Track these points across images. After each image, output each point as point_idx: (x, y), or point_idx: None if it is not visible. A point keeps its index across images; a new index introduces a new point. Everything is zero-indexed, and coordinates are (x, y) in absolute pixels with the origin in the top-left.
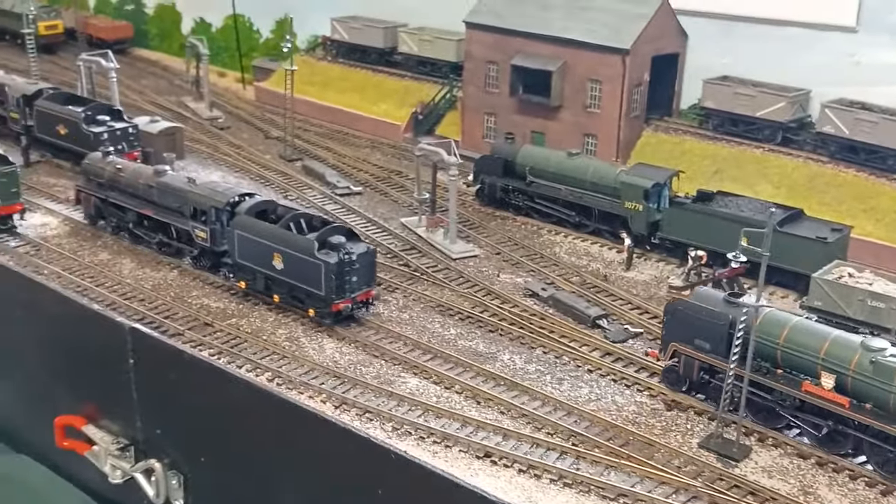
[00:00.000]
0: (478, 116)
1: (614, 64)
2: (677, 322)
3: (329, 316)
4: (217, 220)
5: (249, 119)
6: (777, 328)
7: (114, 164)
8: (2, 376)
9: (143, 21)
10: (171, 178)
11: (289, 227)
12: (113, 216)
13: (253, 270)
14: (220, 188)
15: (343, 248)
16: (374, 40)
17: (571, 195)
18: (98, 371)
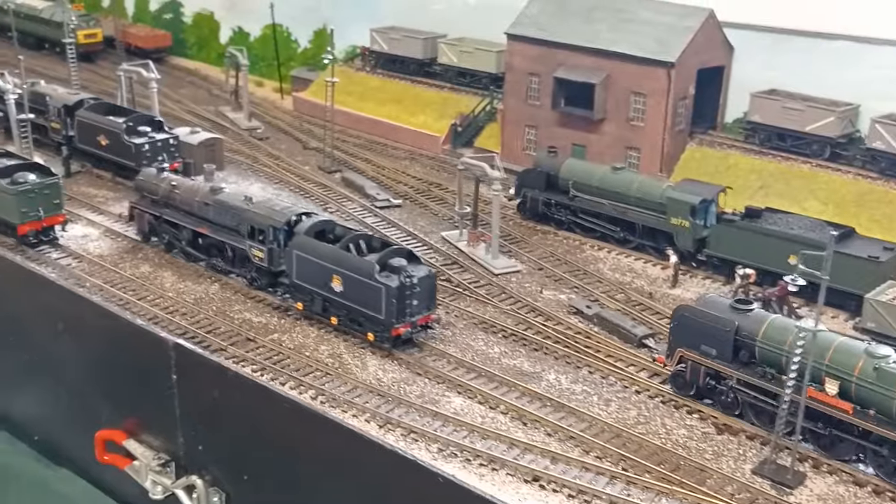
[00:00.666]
0: (518, 129)
1: (659, 77)
2: (684, 328)
3: (389, 340)
4: (275, 240)
5: (288, 129)
6: (782, 335)
7: (168, 180)
8: (43, 389)
9: (181, 30)
10: (227, 195)
11: (348, 248)
12: (167, 233)
13: (311, 292)
14: (278, 207)
15: (404, 272)
16: (414, 51)
17: (615, 210)
18: (140, 386)
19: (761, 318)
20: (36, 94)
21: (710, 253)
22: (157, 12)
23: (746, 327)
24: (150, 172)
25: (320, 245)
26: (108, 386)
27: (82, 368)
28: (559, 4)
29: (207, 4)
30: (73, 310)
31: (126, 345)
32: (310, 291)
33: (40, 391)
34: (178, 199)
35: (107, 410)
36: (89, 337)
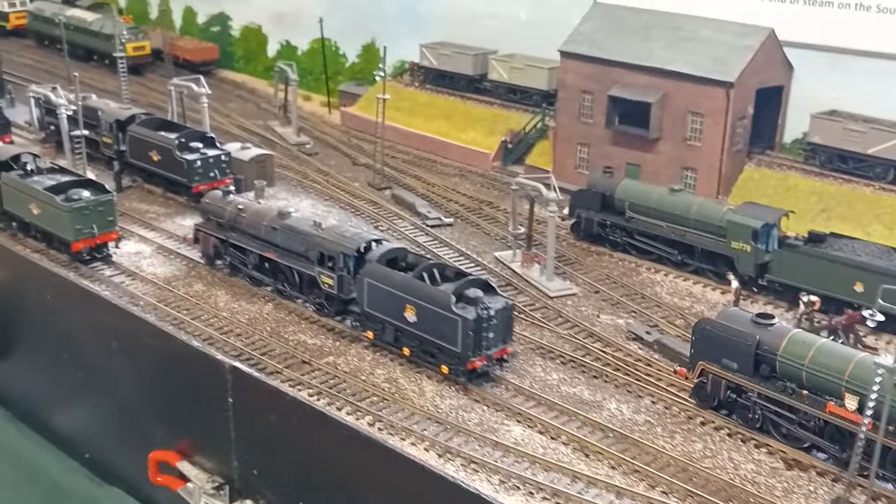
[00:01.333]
0: (570, 147)
1: (718, 97)
2: (705, 341)
3: (464, 374)
4: (345, 267)
5: (336, 145)
6: (803, 349)
7: (235, 204)
8: (96, 407)
9: (229, 43)
10: (295, 220)
11: (422, 277)
12: (232, 257)
13: (382, 321)
14: (349, 233)
15: (481, 303)
16: (464, 67)
17: (673, 233)
18: (195, 408)
19: (782, 332)
20: (88, 109)
21: (772, 278)
22: (204, 25)
23: (768, 342)
24: (216, 195)
25: (393, 274)
26: (162, 406)
27: (136, 388)
28: (614, 22)
29: (256, 18)
30: (127, 329)
31: (181, 366)
32: (381, 321)
33: (93, 409)
34: (245, 223)
35: (161, 431)
36: (144, 356)
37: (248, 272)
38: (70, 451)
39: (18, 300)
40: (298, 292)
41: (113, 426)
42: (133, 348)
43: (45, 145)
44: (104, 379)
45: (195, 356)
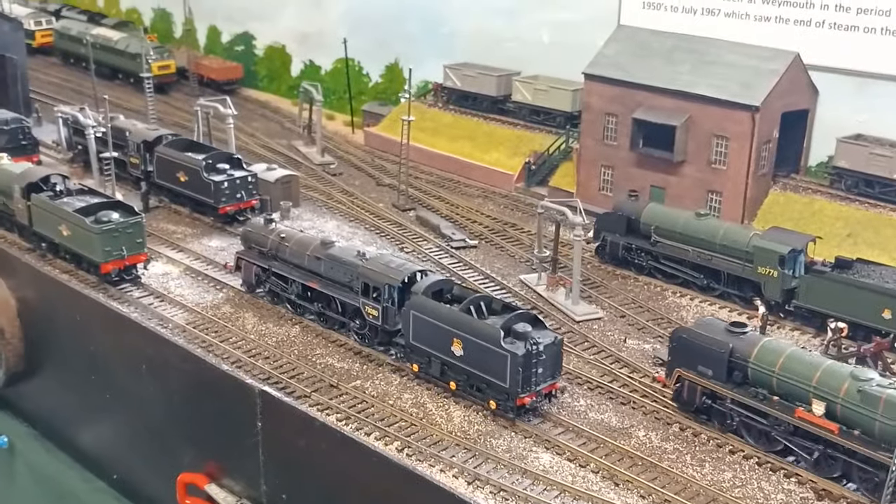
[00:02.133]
0: (594, 169)
1: (743, 120)
2: (682, 349)
3: (512, 410)
4: (390, 298)
5: (360, 165)
6: (773, 357)
7: (277, 232)
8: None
9: (253, 62)
10: (339, 250)
11: (469, 310)
12: (274, 286)
13: (428, 354)
14: (394, 264)
15: (530, 338)
16: (488, 88)
17: (699, 257)
18: (224, 431)
19: (754, 340)
20: (116, 129)
21: (799, 304)
22: (228, 44)
23: (740, 349)
24: (258, 223)
25: (440, 307)
26: (191, 429)
27: (165, 410)
28: (638, 45)
29: (280, 37)
30: (157, 352)
31: (210, 389)
32: (427, 354)
33: (121, 430)
34: (288, 251)
35: (189, 453)
36: (173, 379)
37: (290, 300)
38: (97, 472)
39: (47, 320)
40: (341, 322)
41: (141, 447)
42: (162, 371)
43: (73, 165)
44: (133, 400)
45: (225, 380)
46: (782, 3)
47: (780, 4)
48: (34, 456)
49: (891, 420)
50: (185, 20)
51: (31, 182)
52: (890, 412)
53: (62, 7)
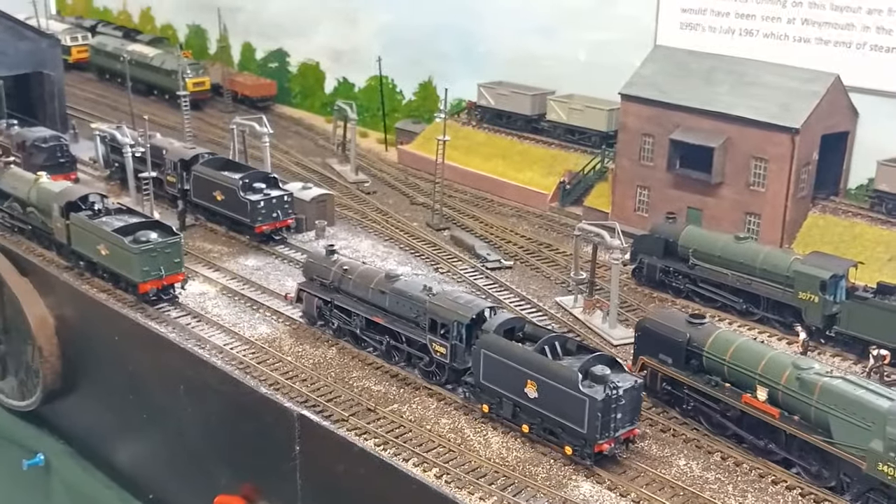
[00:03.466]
0: (630, 189)
1: (782, 142)
2: (646, 338)
3: (590, 457)
4: (458, 336)
5: (394, 183)
6: (725, 346)
7: (340, 264)
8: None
9: (286, 79)
10: (405, 284)
11: (543, 350)
12: (337, 319)
13: (499, 395)
14: (462, 300)
15: (609, 382)
16: (522, 107)
17: (739, 281)
18: (262, 454)
19: (710, 331)
20: (153, 148)
21: (840, 330)
22: (262, 61)
23: (697, 339)
24: (320, 254)
25: (513, 346)
26: (228, 451)
27: (203, 431)
28: (676, 65)
29: (313, 55)
30: (195, 373)
31: (249, 411)
32: (498, 394)
33: (158, 450)
34: (351, 284)
35: (226, 475)
36: (211, 400)
37: (353, 334)
38: (134, 491)
39: (85, 339)
40: (407, 358)
41: (178, 468)
42: (201, 392)
43: (110, 182)
44: (170, 420)
45: (263, 403)
46: (822, 24)
47: (820, 26)
48: (70, 474)
49: (824, 405)
50: (220, 37)
51: (70, 201)
52: (824, 398)
53: (98, 23)
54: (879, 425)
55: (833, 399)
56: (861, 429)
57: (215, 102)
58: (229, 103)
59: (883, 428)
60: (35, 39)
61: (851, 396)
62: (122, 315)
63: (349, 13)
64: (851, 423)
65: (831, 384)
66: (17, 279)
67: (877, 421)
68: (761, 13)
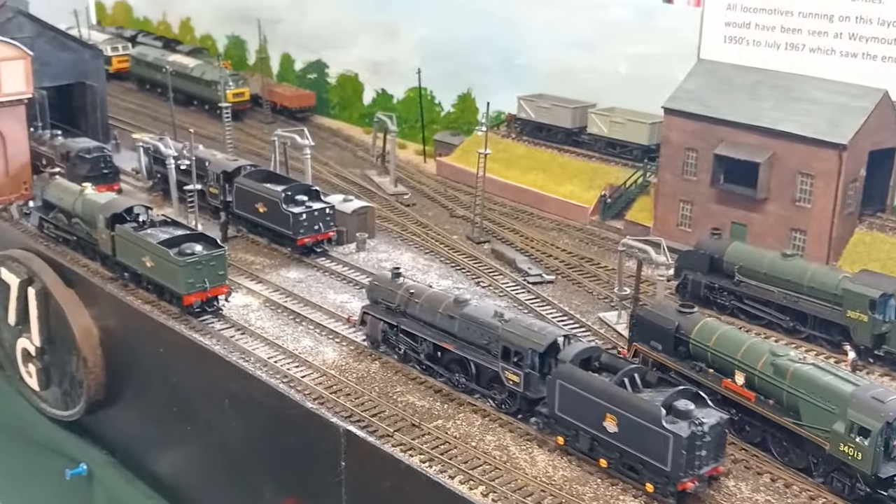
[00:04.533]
0: (673, 204)
1: (829, 158)
2: (639, 326)
3: (673, 495)
4: (532, 364)
5: (433, 195)
6: (709, 334)
7: (406, 288)
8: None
9: (325, 90)
10: (475, 310)
11: (622, 383)
12: (403, 344)
13: (576, 427)
14: (536, 327)
15: (693, 418)
16: (563, 120)
17: (786, 299)
18: (306, 468)
19: (697, 320)
20: (196, 159)
21: (889, 349)
22: (301, 72)
23: (685, 327)
24: (385, 277)
25: (591, 378)
26: (272, 464)
27: (247, 444)
28: (720, 79)
29: (352, 66)
30: (240, 386)
31: (294, 426)
32: (575, 427)
33: (201, 462)
34: (418, 308)
35: (270, 489)
36: (256, 414)
37: (419, 360)
38: (175, 503)
39: (129, 350)
40: (476, 386)
41: (221, 480)
42: (245, 405)
43: (152, 193)
44: (214, 433)
45: (309, 418)
46: (869, 39)
47: (868, 41)
48: (113, 484)
49: (795, 390)
50: (259, 47)
51: (116, 213)
52: (795, 383)
53: (138, 33)
54: (842, 408)
55: (803, 384)
56: (826, 412)
57: (254, 113)
58: (268, 114)
59: (845, 411)
60: (78, 50)
61: (819, 381)
62: (167, 328)
63: (389, 25)
64: (818, 407)
65: (802, 370)
66: (62, 290)
67: (840, 404)
68: (807, 27)
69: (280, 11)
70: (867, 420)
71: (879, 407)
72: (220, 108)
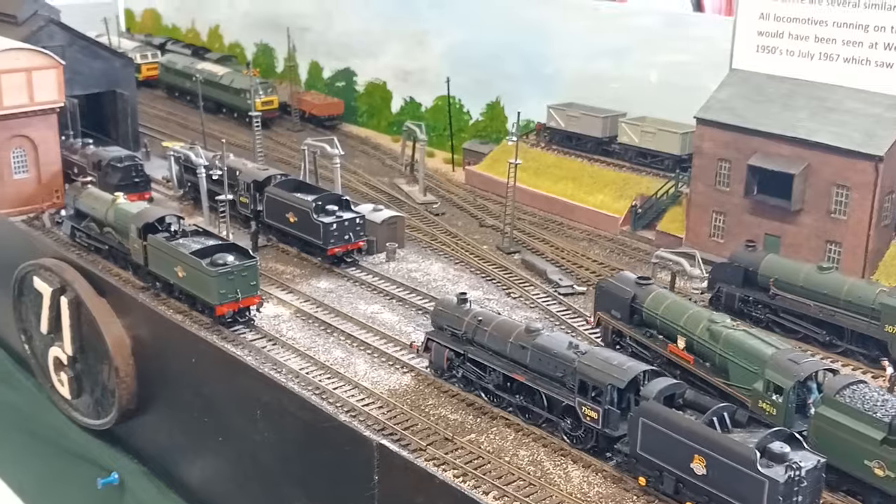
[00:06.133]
0: (705, 215)
1: (866, 170)
2: (602, 295)
3: None
4: (612, 400)
5: (462, 205)
6: (659, 304)
7: (473, 314)
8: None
9: (353, 98)
10: (548, 340)
11: (712, 422)
12: (469, 373)
13: (660, 468)
14: (615, 361)
15: (790, 461)
16: (593, 129)
17: (822, 312)
18: (339, 481)
19: (651, 290)
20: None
21: None
22: (329, 80)
23: (639, 297)
24: (450, 303)
25: (679, 417)
26: (304, 477)
27: (278, 456)
28: (754, 90)
29: (380, 74)
30: (272, 398)
31: (326, 439)
32: (659, 468)
33: (232, 473)
34: (487, 336)
35: (301, 502)
36: (288, 426)
37: (487, 389)
38: None
39: (161, 359)
40: (548, 420)
41: (252, 492)
42: (277, 417)
43: (183, 202)
44: (246, 444)
45: (341, 431)
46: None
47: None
48: (144, 494)
49: (725, 352)
50: (288, 55)
51: (148, 222)
52: (725, 346)
53: (167, 41)
54: (762, 369)
55: (732, 347)
56: (750, 372)
57: (283, 121)
58: (297, 122)
59: (763, 371)
60: (109, 59)
61: (745, 345)
62: (199, 338)
63: (417, 34)
64: (743, 368)
65: (732, 335)
66: (94, 299)
67: (761, 365)
68: (842, 37)
69: (308, 19)
70: (781, 379)
71: (793, 367)
72: (248, 117)
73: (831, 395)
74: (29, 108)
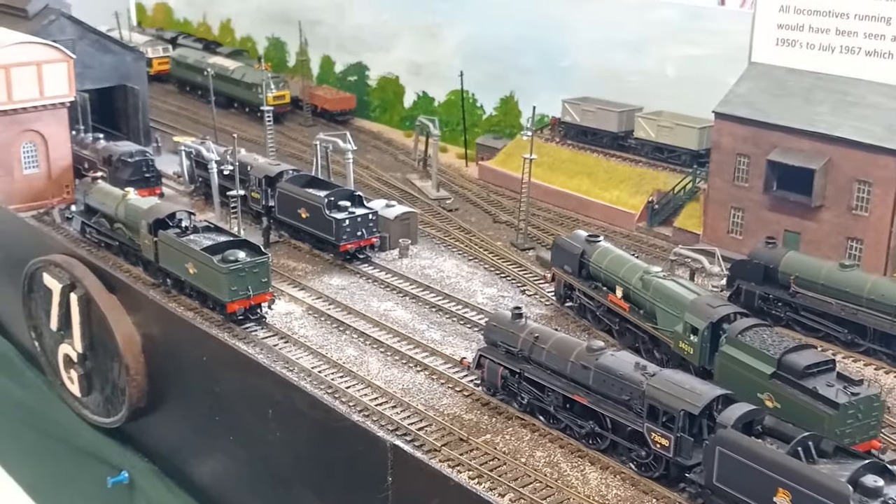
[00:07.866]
0: (723, 210)
1: (888, 165)
2: (557, 252)
3: None
4: (685, 427)
5: (476, 200)
6: (603, 258)
7: (529, 330)
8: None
9: (365, 92)
10: (612, 360)
11: (797, 453)
12: (526, 392)
13: (739, 501)
14: (687, 385)
15: (885, 496)
16: (609, 124)
17: (844, 311)
18: (352, 482)
19: (598, 247)
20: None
21: None
22: (341, 74)
23: (588, 252)
24: (504, 318)
25: (760, 447)
26: (315, 478)
27: (290, 456)
28: (773, 84)
29: (393, 68)
30: (284, 397)
31: (339, 439)
32: (737, 500)
33: (243, 473)
34: (545, 354)
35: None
36: (300, 426)
37: (546, 410)
38: None
39: (171, 357)
40: (620, 440)
41: (263, 492)
42: (289, 416)
43: (194, 197)
44: (257, 443)
45: (354, 431)
46: None
47: None
48: (154, 492)
49: (654, 299)
50: (300, 49)
51: (158, 218)
52: (654, 294)
53: (178, 35)
54: (682, 313)
55: (659, 295)
56: (673, 316)
57: (295, 116)
58: (309, 117)
59: (683, 314)
60: (120, 53)
61: (670, 292)
62: (211, 336)
63: (430, 27)
64: (668, 313)
65: (661, 283)
66: (105, 296)
67: (682, 310)
68: (863, 30)
69: (320, 13)
70: (697, 321)
71: (709, 311)
72: (260, 111)
73: (734, 335)
74: (39, 103)
